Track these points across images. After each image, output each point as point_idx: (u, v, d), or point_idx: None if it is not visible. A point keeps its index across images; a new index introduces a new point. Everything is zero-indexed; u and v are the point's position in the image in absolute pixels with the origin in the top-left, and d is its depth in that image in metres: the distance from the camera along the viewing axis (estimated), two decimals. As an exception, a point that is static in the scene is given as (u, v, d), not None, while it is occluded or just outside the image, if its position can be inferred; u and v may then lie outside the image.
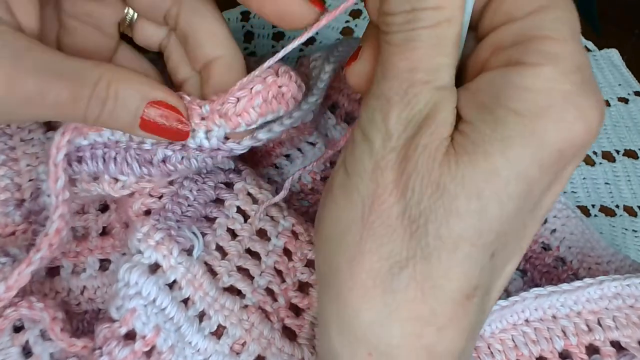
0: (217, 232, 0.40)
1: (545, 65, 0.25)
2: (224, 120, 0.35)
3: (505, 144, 0.25)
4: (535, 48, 0.25)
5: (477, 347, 0.42)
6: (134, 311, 0.35)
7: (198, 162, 0.37)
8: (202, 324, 0.37)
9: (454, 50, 0.27)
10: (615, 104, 0.64)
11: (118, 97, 0.32)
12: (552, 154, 0.25)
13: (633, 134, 0.63)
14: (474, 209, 0.25)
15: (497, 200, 0.25)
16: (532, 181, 0.25)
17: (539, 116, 0.25)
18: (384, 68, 0.28)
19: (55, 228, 0.36)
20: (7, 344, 0.38)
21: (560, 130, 0.25)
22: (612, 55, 0.66)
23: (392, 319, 0.28)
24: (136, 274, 0.35)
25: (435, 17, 0.26)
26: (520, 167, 0.25)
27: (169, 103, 0.34)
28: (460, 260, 0.26)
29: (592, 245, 0.55)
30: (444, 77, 0.27)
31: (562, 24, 0.25)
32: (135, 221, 0.38)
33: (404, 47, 0.27)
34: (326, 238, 0.30)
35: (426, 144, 0.26)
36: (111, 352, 0.34)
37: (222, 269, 0.39)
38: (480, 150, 0.25)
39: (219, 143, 0.36)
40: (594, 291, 0.43)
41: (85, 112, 0.32)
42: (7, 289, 0.36)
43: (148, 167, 0.37)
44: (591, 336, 0.43)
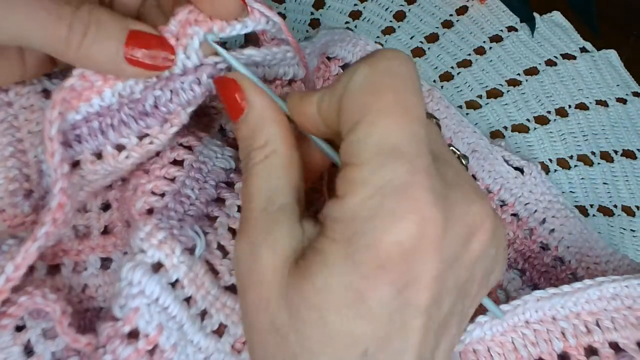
0: (219, 231, 0.40)
1: (347, 196, 0.28)
2: (196, 26, 0.36)
3: (327, 268, 0.28)
4: (342, 177, 0.29)
5: (477, 351, 0.42)
6: (137, 310, 0.35)
7: (186, 93, 0.37)
8: (204, 323, 0.37)
9: (285, 172, 0.32)
10: (613, 105, 0.64)
11: (100, 22, 0.33)
12: (370, 271, 0.28)
13: (631, 134, 0.63)
14: (315, 317, 0.28)
15: (332, 310, 0.28)
16: (361, 292, 0.28)
17: (349, 243, 0.28)
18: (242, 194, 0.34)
19: (57, 202, 0.36)
20: (9, 343, 0.38)
21: (368, 251, 0.27)
22: (611, 56, 0.66)
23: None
24: (139, 273, 0.35)
25: (261, 153, 0.33)
26: (343, 283, 0.28)
27: (148, 32, 0.35)
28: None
29: (591, 245, 0.55)
30: (279, 198, 0.32)
31: (364, 145, 0.28)
32: (138, 220, 0.38)
33: (246, 179, 0.33)
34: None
35: (271, 266, 0.30)
36: (114, 351, 0.34)
37: (224, 267, 0.39)
38: (309, 274, 0.29)
39: (199, 58, 0.36)
40: (593, 292, 0.43)
41: (69, 34, 0.32)
42: (16, 268, 0.35)
43: (144, 118, 0.37)
44: (590, 337, 0.43)
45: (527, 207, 0.57)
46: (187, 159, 0.41)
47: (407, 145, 0.28)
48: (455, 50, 0.66)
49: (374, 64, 0.29)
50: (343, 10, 0.67)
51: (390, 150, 0.28)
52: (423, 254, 0.28)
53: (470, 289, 0.33)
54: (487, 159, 0.57)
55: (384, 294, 0.28)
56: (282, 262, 0.30)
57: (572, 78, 0.65)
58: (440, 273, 0.29)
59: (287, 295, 0.29)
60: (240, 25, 0.37)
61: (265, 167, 0.32)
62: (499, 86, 0.65)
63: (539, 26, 0.67)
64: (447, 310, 0.31)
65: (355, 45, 0.58)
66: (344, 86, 0.29)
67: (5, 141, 0.42)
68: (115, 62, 0.34)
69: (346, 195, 0.28)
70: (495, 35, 0.67)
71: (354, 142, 0.28)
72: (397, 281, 0.28)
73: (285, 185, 0.32)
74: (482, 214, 0.31)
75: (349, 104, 0.29)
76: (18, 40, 0.33)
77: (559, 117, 0.64)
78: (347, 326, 0.28)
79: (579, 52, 0.66)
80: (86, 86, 0.36)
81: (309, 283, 0.29)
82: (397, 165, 0.27)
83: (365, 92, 0.28)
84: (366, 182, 0.28)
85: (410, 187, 0.27)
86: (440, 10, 0.68)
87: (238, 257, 0.32)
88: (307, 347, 0.29)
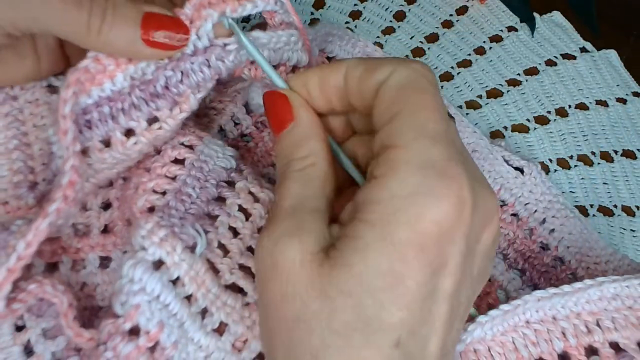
0: (219, 230, 0.40)
1: (388, 175, 0.30)
2: (210, 9, 0.37)
3: (364, 253, 0.29)
4: (382, 159, 0.30)
5: (477, 350, 0.42)
6: (138, 307, 0.35)
7: (196, 74, 0.38)
8: (205, 321, 0.37)
9: (321, 183, 0.34)
10: (613, 105, 0.64)
11: (116, 6, 0.35)
12: (410, 250, 0.29)
13: (631, 134, 0.63)
14: (350, 304, 0.29)
15: (369, 296, 0.29)
16: (399, 275, 0.29)
17: (388, 222, 0.29)
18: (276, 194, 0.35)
19: (68, 179, 0.36)
20: (9, 342, 0.38)
21: (408, 230, 0.29)
22: (611, 56, 0.66)
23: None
24: (140, 270, 0.35)
25: (302, 164, 0.34)
26: (380, 267, 0.29)
27: (163, 13, 0.36)
28: (357, 350, 0.29)
29: (591, 245, 0.55)
30: (312, 203, 0.33)
31: (407, 130, 0.30)
32: (139, 218, 0.38)
33: (282, 181, 0.35)
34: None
35: (298, 259, 0.31)
36: (115, 347, 0.34)
37: (224, 266, 0.39)
38: (346, 262, 0.29)
39: (210, 39, 0.38)
40: (594, 292, 0.43)
41: (89, 20, 0.34)
42: (27, 246, 0.35)
43: (154, 100, 0.38)
44: (590, 337, 0.43)
45: (527, 207, 0.57)
46: (188, 158, 0.41)
47: (444, 135, 0.30)
48: (455, 50, 0.66)
49: (413, 67, 0.33)
50: (343, 10, 0.67)
51: (432, 136, 0.30)
52: (455, 236, 0.29)
53: (476, 284, 0.34)
54: (487, 159, 0.57)
55: (422, 276, 0.29)
56: (310, 254, 0.31)
57: (572, 78, 0.65)
58: (464, 259, 0.30)
59: (319, 285, 0.30)
60: (251, 5, 0.39)
61: (303, 175, 0.34)
62: (499, 86, 0.65)
63: (539, 26, 0.67)
64: (464, 300, 0.33)
65: (354, 46, 0.58)
66: (385, 77, 0.32)
67: (10, 134, 0.43)
68: (133, 45, 0.36)
69: (387, 174, 0.30)
70: (495, 35, 0.67)
71: (397, 127, 0.31)
72: (433, 263, 0.29)
73: (318, 194, 0.34)
74: (494, 208, 0.33)
75: (391, 96, 0.32)
76: (41, 27, 0.34)
77: (559, 117, 0.64)
78: (382, 312, 0.29)
79: (579, 52, 0.66)
80: (99, 69, 0.37)
81: (345, 270, 0.29)
82: (437, 150, 0.30)
83: (408, 89, 0.32)
84: (409, 161, 0.29)
85: (450, 170, 0.29)
86: (440, 10, 0.68)
87: (261, 252, 0.33)
88: (340, 335, 0.29)
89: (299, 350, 0.30)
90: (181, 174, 0.40)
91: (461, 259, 0.30)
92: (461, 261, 0.30)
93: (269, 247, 0.32)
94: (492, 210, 0.32)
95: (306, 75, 0.36)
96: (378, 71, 0.33)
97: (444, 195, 0.29)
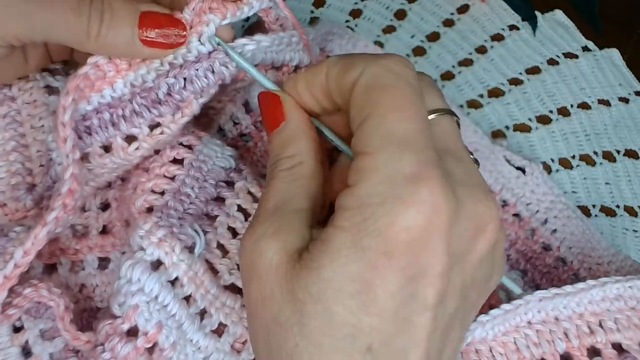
0: (218, 230, 0.40)
1: (358, 184, 0.29)
2: (211, 14, 0.37)
3: (333, 257, 0.29)
4: (354, 167, 0.30)
5: (479, 351, 0.42)
6: (136, 308, 0.35)
7: (200, 80, 0.38)
8: (203, 322, 0.37)
9: (307, 182, 0.34)
10: (615, 104, 0.64)
11: (113, 9, 0.35)
12: (379, 257, 0.28)
13: (634, 133, 0.62)
14: (319, 309, 0.29)
15: (337, 302, 0.29)
16: (368, 282, 0.28)
17: (358, 230, 0.29)
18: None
19: (67, 187, 0.36)
20: (7, 344, 0.38)
21: (377, 237, 0.28)
22: (613, 54, 0.65)
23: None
24: (139, 270, 0.35)
25: (289, 162, 0.34)
26: (349, 273, 0.28)
27: (159, 11, 0.37)
28: (327, 355, 0.29)
29: (593, 245, 0.55)
30: (296, 203, 0.33)
31: (374, 135, 0.30)
32: (138, 218, 0.38)
33: (269, 181, 0.35)
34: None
35: (275, 260, 0.31)
36: (113, 349, 0.34)
37: (223, 267, 0.39)
38: (315, 265, 0.29)
39: (213, 44, 0.38)
40: (596, 293, 0.43)
41: (88, 24, 0.35)
42: (25, 254, 0.36)
43: (157, 106, 0.38)
44: (593, 338, 0.43)
45: (528, 207, 0.57)
46: (187, 158, 0.41)
47: (415, 138, 0.29)
48: (456, 49, 0.66)
49: (381, 64, 0.31)
50: (343, 8, 0.67)
51: (400, 141, 0.29)
52: (431, 244, 0.29)
53: (471, 293, 0.33)
54: (489, 158, 0.57)
55: (392, 283, 0.28)
56: (286, 257, 0.31)
57: (574, 77, 0.65)
58: (447, 268, 0.29)
59: (291, 289, 0.30)
60: (247, 7, 0.38)
61: (289, 174, 0.34)
62: (501, 85, 0.64)
63: (541, 25, 0.66)
64: (452, 311, 0.32)
65: (354, 46, 0.58)
66: (356, 76, 0.32)
67: (8, 135, 0.43)
68: (131, 45, 0.36)
69: (357, 182, 0.29)
70: (496, 34, 0.67)
71: (365, 133, 0.30)
72: (405, 270, 0.28)
73: (302, 193, 0.34)
74: (489, 214, 0.32)
75: (360, 98, 0.31)
76: (42, 36, 0.35)
77: (561, 116, 0.63)
78: (351, 318, 0.29)
79: (581, 51, 0.66)
80: (99, 75, 0.37)
81: (314, 274, 0.29)
82: (407, 155, 0.29)
83: (376, 88, 0.31)
84: (377, 169, 0.29)
85: (420, 176, 0.29)
86: (441, 9, 0.68)
87: (243, 252, 0.33)
88: (310, 341, 0.29)
89: (276, 354, 0.30)
90: (180, 174, 0.40)
91: (442, 268, 0.29)
92: (443, 270, 0.29)
93: (250, 248, 0.32)
94: (484, 216, 0.31)
95: (296, 78, 0.36)
96: (351, 70, 0.32)
97: (414, 203, 0.28)
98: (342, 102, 0.34)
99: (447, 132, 0.34)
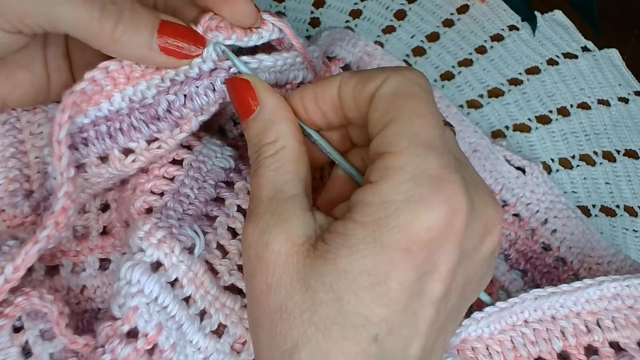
0: (218, 230, 0.40)
1: (382, 181, 0.30)
2: (216, 32, 0.37)
3: (351, 250, 0.30)
4: (377, 165, 0.31)
5: (475, 348, 0.42)
6: (136, 309, 0.35)
7: (200, 98, 0.38)
8: (203, 323, 0.37)
9: (294, 166, 0.34)
10: (615, 104, 0.64)
11: (134, 8, 0.36)
12: (397, 253, 0.29)
13: (633, 133, 0.63)
14: (331, 298, 0.30)
15: (350, 292, 0.30)
16: (383, 275, 0.29)
17: (379, 225, 0.29)
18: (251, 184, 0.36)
19: (61, 205, 0.36)
20: (7, 344, 0.38)
21: (398, 234, 0.29)
22: (612, 55, 0.65)
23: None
24: (138, 272, 0.35)
25: (272, 148, 0.34)
26: (365, 266, 0.29)
27: (179, 23, 0.37)
28: (334, 342, 0.30)
29: (593, 245, 0.55)
30: (290, 189, 0.34)
31: (401, 137, 0.31)
32: (137, 219, 0.38)
33: (255, 170, 0.35)
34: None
35: (283, 251, 0.32)
36: (114, 350, 0.34)
37: (223, 267, 0.39)
38: (332, 256, 0.30)
39: (215, 62, 0.38)
40: (593, 292, 0.43)
41: (100, 17, 0.34)
42: (15, 270, 0.36)
43: (155, 123, 0.38)
44: (590, 337, 0.43)
45: (528, 207, 0.57)
46: (186, 159, 0.41)
47: (438, 143, 0.31)
48: (456, 49, 0.66)
49: (405, 75, 0.33)
50: (343, 9, 0.67)
51: (426, 144, 0.30)
52: (446, 243, 0.30)
53: (468, 290, 0.34)
54: (489, 158, 0.57)
55: (406, 278, 0.29)
56: (295, 246, 0.32)
57: (573, 77, 0.65)
58: (455, 266, 0.31)
59: (304, 277, 0.31)
60: (257, 36, 0.39)
61: (276, 160, 0.34)
62: (500, 85, 0.64)
63: (540, 25, 0.67)
64: (452, 306, 0.33)
65: (355, 46, 0.58)
66: (377, 86, 0.33)
67: (7, 142, 0.43)
68: (148, 49, 0.36)
69: (381, 180, 0.30)
70: (496, 34, 0.67)
71: (390, 134, 0.31)
72: (419, 267, 0.30)
73: (294, 178, 0.34)
74: (496, 217, 0.33)
75: (385, 103, 0.32)
76: (50, 20, 0.35)
77: (560, 116, 0.63)
78: (362, 309, 0.30)
79: (580, 51, 0.66)
80: (96, 90, 0.37)
81: (331, 265, 0.30)
82: (432, 157, 0.30)
83: (400, 96, 0.32)
84: (402, 168, 0.30)
85: (443, 178, 0.30)
86: (441, 9, 0.68)
87: (246, 244, 0.33)
88: (319, 328, 0.30)
89: (280, 341, 0.31)
90: (179, 174, 0.40)
91: (452, 266, 0.31)
92: (452, 268, 0.31)
93: (254, 240, 0.32)
94: (492, 219, 0.33)
95: (302, 91, 0.37)
96: (371, 81, 0.33)
97: (436, 203, 0.29)
98: (357, 114, 0.34)
99: (452, 141, 0.35)
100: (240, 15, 0.38)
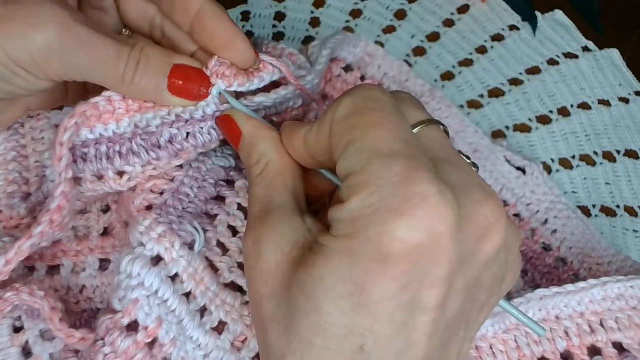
0: (218, 228, 0.40)
1: (349, 198, 0.29)
2: (219, 79, 0.39)
3: (326, 259, 0.30)
4: (345, 185, 0.30)
5: (479, 347, 0.42)
6: (136, 302, 0.35)
7: (203, 136, 0.40)
8: (203, 319, 0.37)
9: (281, 178, 0.36)
10: (615, 104, 0.64)
11: (149, 58, 0.38)
12: (372, 264, 0.28)
13: (633, 133, 0.62)
14: (311, 307, 0.29)
15: (328, 301, 0.29)
16: (360, 285, 0.29)
17: (350, 238, 0.29)
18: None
19: (56, 204, 0.37)
20: (7, 344, 0.38)
21: (370, 245, 0.28)
22: (613, 54, 0.65)
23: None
24: (138, 265, 0.35)
25: (258, 168, 0.36)
26: (341, 275, 0.29)
27: (189, 65, 0.39)
28: (319, 351, 0.29)
29: (593, 245, 0.55)
30: (276, 199, 0.35)
31: (360, 153, 0.30)
32: (137, 216, 0.37)
33: (249, 189, 0.37)
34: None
35: (273, 260, 0.32)
36: (113, 343, 0.34)
37: (223, 264, 0.39)
38: (309, 262, 0.30)
39: (216, 105, 0.39)
40: (597, 292, 0.43)
41: (124, 70, 0.37)
42: (6, 262, 0.36)
43: (156, 150, 0.39)
44: (593, 337, 0.43)
45: (528, 207, 0.57)
46: (186, 159, 0.41)
47: (401, 147, 0.30)
48: (456, 49, 0.66)
49: (355, 93, 0.32)
50: (343, 8, 0.67)
51: (386, 152, 0.29)
52: (432, 250, 0.28)
53: (478, 294, 0.33)
54: (489, 158, 0.57)
55: (385, 289, 0.28)
56: (284, 254, 0.32)
57: (574, 77, 0.65)
58: (448, 274, 0.29)
59: (287, 284, 0.31)
60: (258, 80, 0.41)
61: (263, 178, 0.36)
62: (501, 85, 0.64)
63: (541, 25, 0.67)
64: (455, 313, 0.31)
65: (355, 46, 0.58)
66: (331, 118, 0.33)
67: (10, 146, 0.44)
68: (159, 92, 0.38)
69: (349, 197, 0.30)
70: (496, 34, 0.67)
71: (350, 154, 0.30)
72: (400, 278, 0.28)
73: (279, 187, 0.36)
74: (493, 215, 0.31)
75: (339, 128, 0.32)
76: (80, 76, 0.37)
77: (561, 116, 0.63)
78: (343, 318, 0.29)
79: (581, 51, 0.66)
80: (108, 109, 0.38)
81: (306, 271, 0.30)
82: (394, 163, 0.29)
83: (353, 115, 0.32)
84: (366, 182, 0.29)
85: (410, 183, 0.28)
86: (441, 9, 0.68)
87: (245, 254, 0.34)
88: (301, 337, 0.30)
89: (270, 351, 0.31)
90: (179, 174, 0.40)
91: (444, 273, 0.29)
92: (445, 274, 0.29)
93: (249, 251, 0.34)
94: (488, 218, 0.31)
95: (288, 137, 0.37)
96: (325, 116, 0.33)
97: (406, 210, 0.28)
98: (327, 158, 0.34)
99: (434, 141, 0.34)
100: (238, 59, 0.40)
